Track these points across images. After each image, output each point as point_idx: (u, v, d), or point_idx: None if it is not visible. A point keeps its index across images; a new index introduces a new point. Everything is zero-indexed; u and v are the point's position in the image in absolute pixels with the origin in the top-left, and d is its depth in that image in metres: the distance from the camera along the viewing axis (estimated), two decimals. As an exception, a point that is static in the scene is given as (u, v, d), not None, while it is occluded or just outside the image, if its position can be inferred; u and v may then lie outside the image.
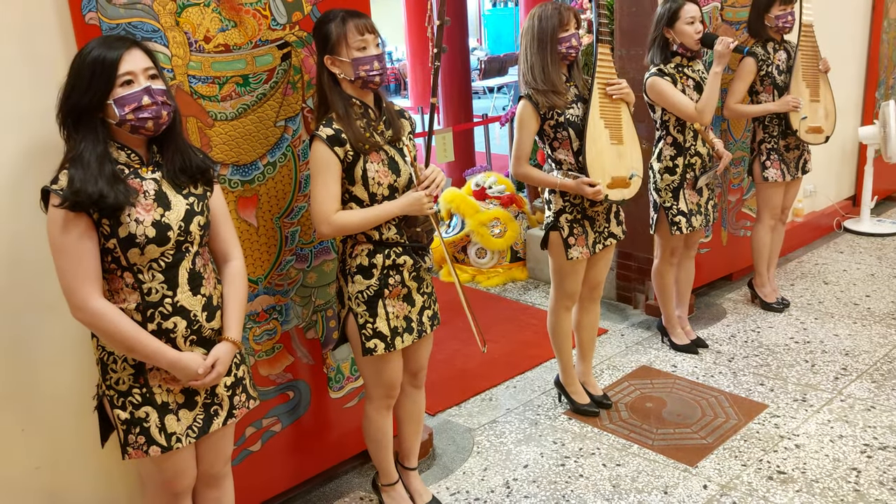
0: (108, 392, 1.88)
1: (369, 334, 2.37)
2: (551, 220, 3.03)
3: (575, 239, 3.01)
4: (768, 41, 3.85)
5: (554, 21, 2.86)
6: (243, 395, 2.06)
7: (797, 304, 4.31)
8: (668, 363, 3.72)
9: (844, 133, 5.41)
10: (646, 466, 2.91)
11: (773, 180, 3.98)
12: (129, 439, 1.88)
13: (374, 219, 2.29)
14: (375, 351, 2.38)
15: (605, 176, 2.92)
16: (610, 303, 4.48)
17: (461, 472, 2.96)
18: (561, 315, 3.18)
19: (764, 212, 4.11)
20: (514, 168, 3.02)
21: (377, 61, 2.24)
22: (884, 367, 3.55)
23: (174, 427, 1.90)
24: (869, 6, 5.51)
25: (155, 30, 2.11)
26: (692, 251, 3.79)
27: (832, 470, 2.81)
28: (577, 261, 3.04)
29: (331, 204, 2.25)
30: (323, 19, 2.27)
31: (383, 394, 2.53)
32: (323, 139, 2.22)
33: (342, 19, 2.23)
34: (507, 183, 5.33)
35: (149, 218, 1.81)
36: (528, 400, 3.47)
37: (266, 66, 2.37)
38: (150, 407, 1.88)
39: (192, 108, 2.22)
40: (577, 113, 2.93)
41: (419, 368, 2.63)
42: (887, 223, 5.58)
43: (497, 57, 15.49)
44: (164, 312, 1.86)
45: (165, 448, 1.89)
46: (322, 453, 2.81)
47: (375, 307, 2.36)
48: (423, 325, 2.49)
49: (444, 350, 3.95)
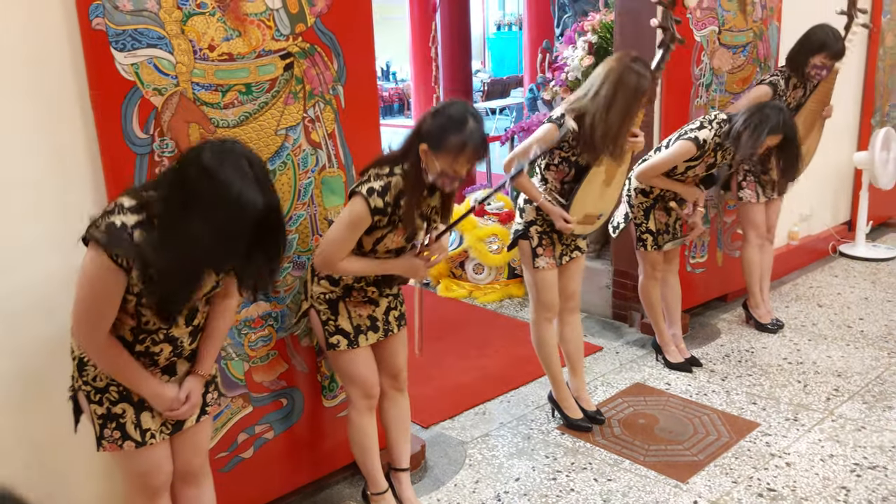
0: (84, 387, 1.94)
1: (332, 330, 2.47)
2: (521, 228, 3.12)
3: (543, 249, 3.09)
4: (790, 77, 3.90)
5: (640, 92, 2.84)
6: (215, 393, 2.13)
7: (791, 326, 4.33)
8: (661, 381, 3.73)
9: (840, 158, 5.46)
10: (637, 482, 2.92)
11: (747, 200, 4.07)
12: (105, 433, 1.93)
13: (371, 271, 2.41)
14: (338, 347, 2.47)
15: (581, 213, 3.04)
16: (605, 321, 4.50)
17: (452, 485, 2.97)
18: (542, 327, 3.22)
19: (748, 231, 4.17)
20: (512, 157, 2.97)
21: (457, 181, 2.31)
22: (875, 388, 3.56)
23: (149, 423, 1.96)
24: (865, 35, 5.57)
25: (160, 37, 2.15)
26: (673, 266, 3.82)
27: (822, 488, 2.82)
28: (547, 271, 3.09)
29: (343, 254, 2.33)
30: (455, 115, 2.24)
31: (361, 393, 2.58)
32: (369, 206, 2.25)
33: (467, 140, 2.21)
34: (505, 200, 5.37)
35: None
36: (521, 414, 3.48)
37: (268, 76, 2.41)
38: (126, 403, 1.93)
39: (195, 115, 2.26)
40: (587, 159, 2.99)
41: (398, 370, 2.68)
42: (882, 248, 5.61)
43: (500, 79, 15.62)
44: (154, 339, 1.92)
45: (140, 443, 1.95)
46: (314, 462, 2.82)
47: (336, 307, 2.47)
48: (390, 324, 2.57)
49: (439, 364, 3.96)
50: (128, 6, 2.08)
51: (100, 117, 2.09)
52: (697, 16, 4.01)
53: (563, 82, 5.20)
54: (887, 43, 5.67)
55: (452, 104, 2.29)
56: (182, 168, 1.73)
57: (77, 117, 2.10)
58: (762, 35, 4.43)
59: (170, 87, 2.19)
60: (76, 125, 2.10)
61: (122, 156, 2.13)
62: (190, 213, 1.67)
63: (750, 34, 4.34)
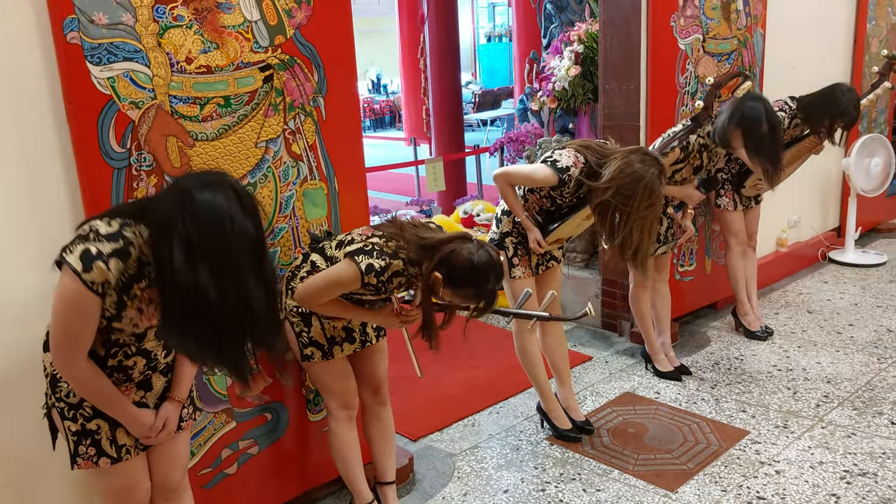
0: (57, 404, 1.91)
1: (305, 342, 2.45)
2: (496, 238, 3.13)
3: (518, 259, 3.09)
4: (795, 118, 3.90)
5: (656, 191, 2.71)
6: (191, 408, 2.10)
7: (781, 333, 4.32)
8: (651, 390, 3.72)
9: (829, 165, 5.47)
10: (626, 492, 2.90)
11: (724, 208, 4.11)
12: (80, 450, 1.90)
13: (346, 316, 2.42)
14: (313, 358, 2.45)
15: (554, 239, 3.07)
16: (595, 330, 4.48)
17: (441, 498, 2.94)
18: (524, 337, 3.20)
19: (729, 238, 4.19)
20: (502, 176, 2.97)
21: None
22: (865, 394, 3.55)
23: (124, 439, 1.93)
24: (850, 41, 5.61)
25: (137, 50, 2.14)
26: (663, 275, 3.81)
27: (812, 496, 2.80)
28: (523, 280, 3.09)
29: (321, 301, 2.31)
30: (480, 268, 2.18)
31: (339, 404, 2.56)
32: (363, 283, 2.22)
33: (482, 297, 2.23)
34: (494, 211, 5.36)
35: (144, 325, 1.82)
36: (510, 425, 3.46)
37: (248, 88, 2.40)
38: (101, 419, 1.90)
39: (173, 128, 2.24)
40: (570, 204, 2.99)
41: (378, 383, 2.66)
42: (871, 254, 5.62)
43: (491, 90, 15.66)
44: (127, 353, 1.89)
45: (115, 459, 1.92)
46: (300, 477, 2.79)
47: (309, 320, 2.44)
48: (368, 335, 2.55)
49: (427, 376, 3.92)
50: (103, 20, 2.07)
51: (76, 131, 2.07)
52: (681, 24, 4.02)
53: (551, 92, 5.21)
54: (872, 49, 5.69)
55: (481, 250, 2.19)
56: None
57: (52, 131, 2.08)
58: (747, 42, 4.44)
59: (147, 101, 2.17)
60: (52, 139, 2.08)
61: (99, 170, 2.11)
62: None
63: (734, 42, 4.35)
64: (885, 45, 5.74)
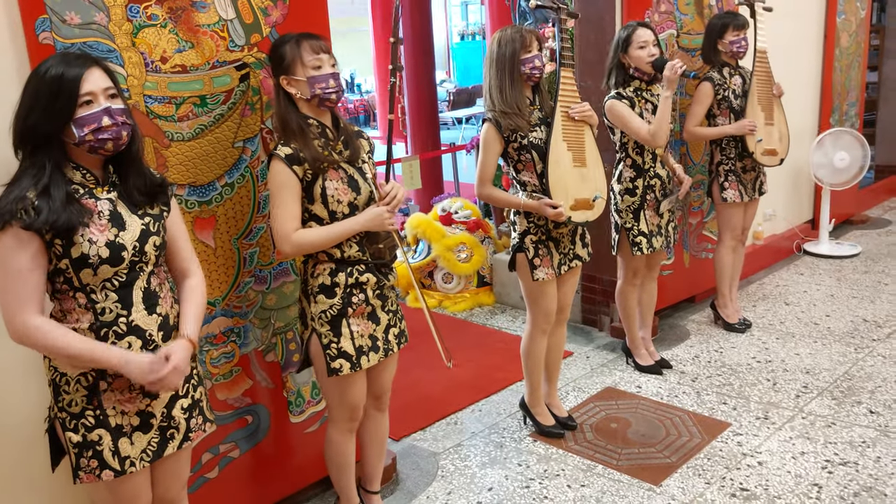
0: (59, 414, 1.84)
1: (334, 354, 2.34)
2: (517, 241, 3.05)
3: (540, 260, 3.01)
4: (724, 66, 3.94)
5: (516, 43, 2.89)
6: (200, 418, 2.02)
7: (759, 325, 4.36)
8: (632, 384, 3.73)
9: (801, 158, 5.53)
10: (610, 486, 2.90)
11: (731, 201, 4.06)
12: (82, 463, 1.83)
13: (335, 236, 2.28)
14: (341, 371, 2.34)
15: (567, 198, 2.94)
16: (575, 326, 4.49)
17: (425, 497, 2.93)
18: (537, 339, 3.17)
19: (725, 233, 4.18)
20: (479, 189, 3.03)
21: (332, 79, 2.26)
22: (844, 384, 3.59)
23: (128, 451, 1.86)
24: (821, 35, 5.67)
25: (111, 49, 2.10)
26: (654, 272, 3.83)
27: (794, 486, 2.83)
28: (547, 283, 3.04)
29: (291, 223, 2.24)
30: (278, 42, 2.29)
31: (347, 416, 2.50)
32: (281, 158, 2.21)
33: (297, 41, 2.25)
34: (473, 208, 5.36)
35: (103, 238, 1.79)
36: (493, 423, 3.45)
37: (224, 87, 2.37)
38: (103, 429, 1.83)
39: (149, 129, 2.21)
40: (541, 136, 2.95)
41: (383, 391, 2.61)
42: (846, 245, 5.69)
43: (465, 89, 15.64)
44: (118, 332, 1.83)
45: (119, 472, 1.85)
46: (282, 480, 2.76)
47: (339, 326, 2.34)
48: (390, 342, 2.46)
49: (409, 375, 3.92)
50: (76, 19, 2.03)
51: (49, 133, 2.03)
52: (656, 19, 4.04)
53: (527, 89, 5.21)
54: (843, 44, 5.77)
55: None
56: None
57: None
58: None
59: (121, 101, 2.13)
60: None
61: (73, 172, 2.07)
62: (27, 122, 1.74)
63: (708, 37, 4.37)
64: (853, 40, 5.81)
